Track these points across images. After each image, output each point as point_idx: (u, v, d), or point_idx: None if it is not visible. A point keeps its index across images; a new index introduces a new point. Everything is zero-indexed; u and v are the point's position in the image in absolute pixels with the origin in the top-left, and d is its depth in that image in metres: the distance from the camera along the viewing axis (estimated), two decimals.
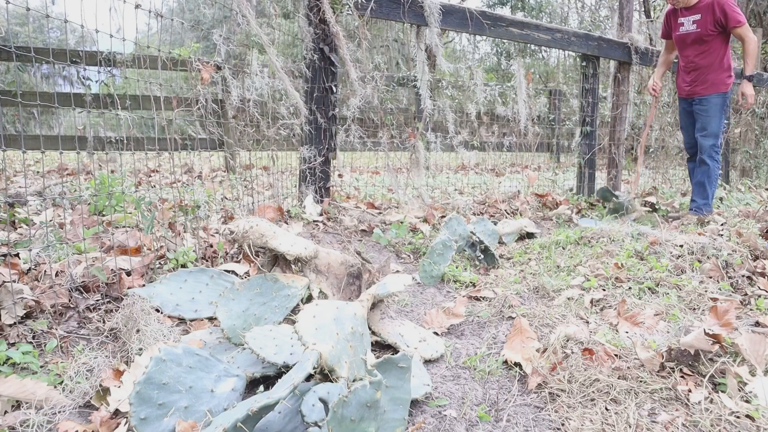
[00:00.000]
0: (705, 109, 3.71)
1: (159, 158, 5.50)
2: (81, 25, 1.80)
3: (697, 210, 3.71)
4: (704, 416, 1.24)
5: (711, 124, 3.67)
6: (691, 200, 3.80)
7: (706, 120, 3.70)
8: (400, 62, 5.38)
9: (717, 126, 3.69)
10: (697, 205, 3.72)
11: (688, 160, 4.00)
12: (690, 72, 3.80)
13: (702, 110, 3.73)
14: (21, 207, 2.79)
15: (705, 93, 3.72)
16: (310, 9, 3.02)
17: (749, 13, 11.26)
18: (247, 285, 1.70)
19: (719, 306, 1.56)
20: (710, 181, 3.70)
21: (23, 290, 1.61)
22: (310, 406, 1.14)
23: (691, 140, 3.87)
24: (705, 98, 3.72)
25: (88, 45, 4.93)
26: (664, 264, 2.30)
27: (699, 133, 3.71)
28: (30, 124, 7.26)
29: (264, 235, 1.82)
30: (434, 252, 2.35)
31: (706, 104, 3.71)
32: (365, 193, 4.16)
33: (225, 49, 2.59)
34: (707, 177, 3.70)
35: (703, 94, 3.72)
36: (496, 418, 1.29)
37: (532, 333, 1.63)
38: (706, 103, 3.71)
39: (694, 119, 3.82)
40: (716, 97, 3.68)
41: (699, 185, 3.75)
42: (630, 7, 4.69)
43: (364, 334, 1.43)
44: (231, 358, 1.44)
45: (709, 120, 3.68)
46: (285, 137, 3.00)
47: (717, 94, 3.67)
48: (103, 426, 1.19)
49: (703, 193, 3.73)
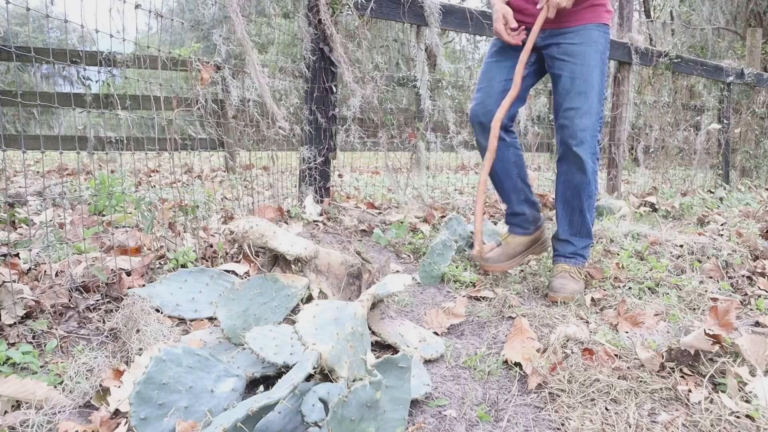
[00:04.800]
0: (579, 51, 2.01)
1: (159, 158, 5.50)
2: (81, 25, 1.80)
3: (572, 258, 2.15)
4: (704, 416, 1.24)
5: (591, 84, 2.00)
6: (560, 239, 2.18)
7: (580, 74, 2.00)
8: (400, 62, 5.38)
9: (599, 89, 2.03)
10: (575, 250, 2.15)
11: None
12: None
13: (574, 53, 2.02)
14: (21, 207, 2.79)
15: (577, 22, 2.02)
16: (310, 9, 3.02)
17: (749, 13, 11.24)
18: (247, 285, 1.70)
19: (719, 306, 1.56)
20: (591, 203, 2.11)
21: (23, 290, 1.61)
22: (310, 406, 1.14)
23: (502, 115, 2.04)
24: (577, 30, 2.02)
25: (88, 45, 4.93)
26: (664, 264, 2.30)
27: (567, 104, 2.01)
28: (30, 124, 7.26)
29: (264, 235, 1.82)
30: (434, 252, 2.35)
31: (580, 41, 2.02)
32: (365, 193, 4.16)
33: (225, 49, 2.59)
34: (587, 195, 2.08)
35: (574, 23, 2.03)
36: (496, 418, 1.29)
37: (532, 333, 1.63)
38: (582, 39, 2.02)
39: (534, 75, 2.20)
40: (597, 29, 2.03)
41: (573, 210, 2.12)
42: (630, 7, 4.69)
43: (364, 334, 1.43)
44: (231, 358, 1.44)
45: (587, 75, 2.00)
46: (285, 137, 3.00)
47: (598, 25, 2.03)
48: (103, 426, 1.19)
49: (581, 224, 2.13)
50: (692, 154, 5.72)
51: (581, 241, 2.16)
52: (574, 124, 2.01)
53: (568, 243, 2.17)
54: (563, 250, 2.18)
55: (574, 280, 2.08)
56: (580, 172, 2.06)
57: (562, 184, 2.13)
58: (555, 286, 2.05)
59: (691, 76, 5.62)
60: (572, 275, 2.10)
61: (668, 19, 12.06)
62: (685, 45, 11.32)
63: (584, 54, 2.02)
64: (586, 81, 2.01)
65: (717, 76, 5.58)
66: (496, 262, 2.25)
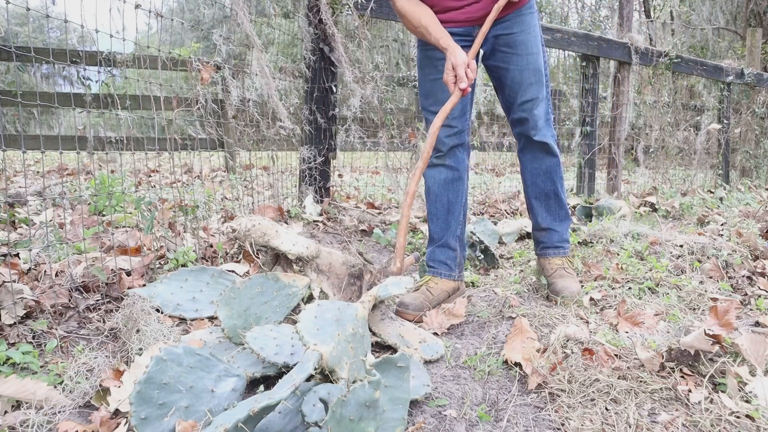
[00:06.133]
0: (522, 41, 1.91)
1: (159, 158, 5.50)
2: (81, 25, 1.80)
3: (561, 246, 2.12)
4: (704, 416, 1.24)
5: (540, 71, 1.94)
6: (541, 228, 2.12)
7: (528, 65, 1.92)
8: (400, 62, 5.38)
9: (545, 72, 1.98)
10: (561, 236, 2.12)
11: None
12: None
13: (516, 43, 1.91)
14: (21, 207, 2.79)
15: (510, 10, 1.89)
16: (310, 9, 3.02)
17: (749, 13, 11.23)
18: (248, 284, 1.70)
19: (719, 306, 1.56)
20: (562, 183, 2.10)
21: (23, 290, 1.61)
22: (311, 406, 1.14)
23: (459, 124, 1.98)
24: (511, 19, 1.91)
25: (88, 45, 4.93)
26: (664, 264, 2.30)
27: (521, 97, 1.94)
28: (30, 124, 7.26)
29: (266, 233, 1.82)
30: None
31: (519, 30, 1.91)
32: (365, 193, 4.16)
33: (225, 49, 2.59)
34: (558, 176, 2.06)
35: (508, 11, 1.89)
36: (496, 418, 1.29)
37: (532, 333, 1.63)
38: (520, 27, 1.91)
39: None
40: (528, 11, 1.93)
41: (548, 196, 2.08)
42: (630, 7, 4.69)
43: (364, 336, 1.43)
44: (231, 357, 1.44)
45: (534, 63, 1.93)
46: (285, 137, 3.00)
47: (528, 7, 1.93)
48: (103, 426, 1.19)
49: (559, 207, 2.10)
50: (692, 154, 5.72)
51: (562, 225, 2.12)
52: (533, 116, 1.96)
53: (552, 231, 2.11)
54: (549, 240, 2.12)
55: (572, 277, 2.06)
56: (548, 155, 2.03)
57: (529, 173, 2.08)
58: (558, 289, 2.00)
59: (691, 76, 5.62)
60: (568, 271, 2.08)
61: (668, 19, 12.06)
62: (685, 45, 11.32)
63: (527, 43, 1.92)
64: (536, 70, 1.94)
65: (717, 76, 5.58)
66: (417, 310, 1.87)
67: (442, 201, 2.04)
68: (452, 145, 2.00)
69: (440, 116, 1.81)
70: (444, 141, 1.99)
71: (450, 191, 2.03)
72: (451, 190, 2.03)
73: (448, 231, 2.04)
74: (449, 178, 2.03)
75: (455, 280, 2.06)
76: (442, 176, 2.03)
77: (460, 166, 2.04)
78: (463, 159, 2.05)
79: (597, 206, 3.77)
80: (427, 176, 2.06)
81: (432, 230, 2.07)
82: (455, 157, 2.02)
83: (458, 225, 2.06)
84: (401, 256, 1.80)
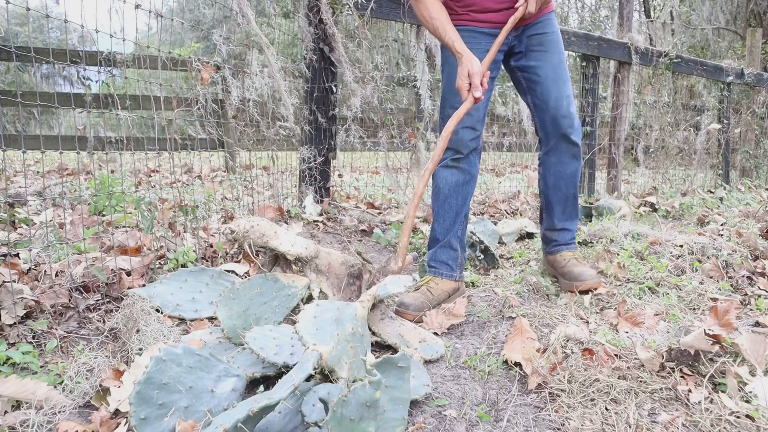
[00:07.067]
0: (552, 40, 1.99)
1: (159, 158, 5.50)
2: (81, 25, 1.80)
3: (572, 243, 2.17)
4: (704, 416, 1.24)
5: (567, 71, 2.03)
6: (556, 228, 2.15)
7: (560, 63, 1.99)
8: (400, 62, 5.38)
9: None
10: (572, 234, 2.17)
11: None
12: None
13: (548, 42, 1.99)
14: (21, 207, 2.79)
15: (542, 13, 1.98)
16: (310, 9, 3.02)
17: (749, 13, 11.24)
18: (247, 285, 1.70)
19: (719, 306, 1.56)
20: (578, 189, 2.14)
21: (23, 290, 1.61)
22: (311, 406, 1.14)
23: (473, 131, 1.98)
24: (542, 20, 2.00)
25: (88, 45, 4.93)
26: (664, 264, 2.30)
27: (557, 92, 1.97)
28: (30, 124, 7.26)
29: (265, 234, 1.82)
30: None
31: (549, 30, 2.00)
32: (365, 193, 4.16)
33: (225, 49, 2.59)
34: (578, 179, 2.12)
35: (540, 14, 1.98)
36: (496, 418, 1.29)
37: (532, 333, 1.63)
38: (549, 28, 2.00)
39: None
40: (552, 17, 2.03)
41: (566, 198, 2.11)
42: (630, 7, 4.69)
43: (364, 335, 1.43)
44: (231, 358, 1.44)
45: (564, 63, 2.02)
46: (285, 137, 3.00)
47: (551, 13, 2.03)
48: (103, 426, 1.19)
49: (573, 207, 2.14)
50: (692, 154, 5.72)
51: (573, 224, 2.17)
52: (570, 113, 1.99)
53: (566, 231, 2.14)
54: (562, 238, 2.15)
55: (586, 265, 2.07)
56: (574, 159, 2.05)
57: (553, 176, 2.08)
58: (576, 274, 2.00)
59: (691, 76, 5.62)
60: (580, 261, 2.10)
61: (668, 19, 12.05)
62: (685, 45, 11.32)
63: (557, 42, 2.00)
64: (565, 69, 2.00)
65: (717, 76, 5.58)
66: (417, 310, 1.86)
67: (451, 203, 2.04)
68: (473, 149, 2.02)
69: (453, 120, 1.81)
70: (467, 144, 2.00)
71: (460, 194, 2.04)
72: (461, 193, 2.04)
73: (451, 232, 2.06)
74: (461, 181, 2.04)
75: (456, 281, 2.07)
76: (454, 178, 2.03)
77: (473, 170, 2.06)
78: (475, 163, 2.06)
79: (597, 206, 3.77)
80: (438, 177, 2.06)
81: (436, 231, 2.07)
82: (469, 161, 2.04)
83: (461, 226, 2.08)
84: (403, 255, 1.79)
